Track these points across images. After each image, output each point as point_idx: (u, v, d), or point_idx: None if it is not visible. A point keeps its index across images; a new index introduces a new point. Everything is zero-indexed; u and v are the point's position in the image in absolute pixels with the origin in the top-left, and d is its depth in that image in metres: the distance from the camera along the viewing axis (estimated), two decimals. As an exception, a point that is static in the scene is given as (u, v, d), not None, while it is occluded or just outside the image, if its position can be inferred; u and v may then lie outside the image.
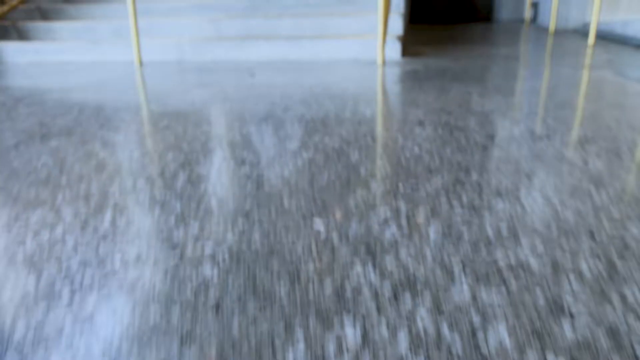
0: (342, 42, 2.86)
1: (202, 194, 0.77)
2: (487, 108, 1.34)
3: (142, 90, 1.84)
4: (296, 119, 1.26)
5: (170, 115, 1.35)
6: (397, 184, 0.78)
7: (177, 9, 3.60)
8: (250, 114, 1.33)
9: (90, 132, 1.19)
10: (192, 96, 1.66)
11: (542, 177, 0.79)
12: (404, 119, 1.23)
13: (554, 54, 2.66)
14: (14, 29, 3.73)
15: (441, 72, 2.07)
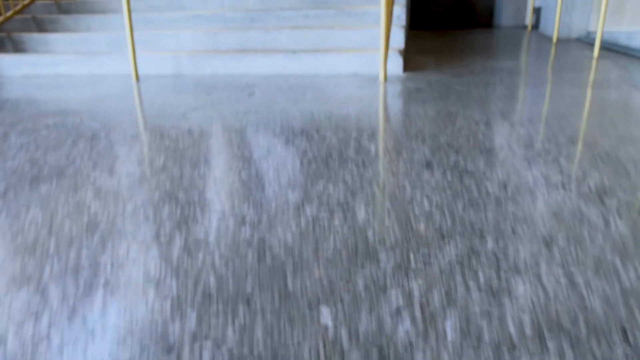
0: (342, 56, 2.81)
1: (199, 268, 0.72)
2: (496, 143, 1.29)
3: (138, 115, 1.78)
4: (298, 157, 1.21)
5: (166, 151, 1.30)
6: (408, 254, 0.73)
7: (175, 20, 3.55)
8: (250, 149, 1.28)
9: (83, 174, 1.14)
10: (189, 123, 1.60)
11: (562, 245, 0.75)
12: (411, 158, 1.18)
13: (560, 68, 2.61)
14: (9, 40, 3.68)
15: (445, 91, 2.02)
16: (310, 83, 2.48)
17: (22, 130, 1.64)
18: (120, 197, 0.99)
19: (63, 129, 1.63)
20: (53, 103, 2.12)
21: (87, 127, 1.64)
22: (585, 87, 2.12)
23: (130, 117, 1.78)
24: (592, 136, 1.34)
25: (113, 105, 2.02)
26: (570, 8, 4.18)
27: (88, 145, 1.41)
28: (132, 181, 1.09)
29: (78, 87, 2.58)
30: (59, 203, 0.97)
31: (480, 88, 2.21)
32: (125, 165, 1.20)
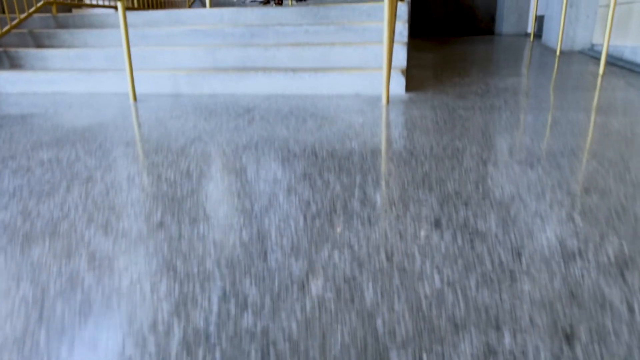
0: (344, 75, 2.76)
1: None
2: (506, 192, 1.24)
3: (135, 148, 1.73)
4: (302, 211, 1.17)
5: (164, 200, 1.25)
6: (420, 354, 0.68)
7: (173, 35, 3.50)
8: (251, 199, 1.24)
9: (77, 233, 1.09)
10: (187, 161, 1.55)
11: (585, 340, 0.70)
12: (418, 214, 1.13)
13: (565, 87, 2.56)
14: (6, 55, 3.63)
15: (449, 119, 1.97)
16: (311, 106, 2.43)
17: (16, 168, 1.59)
18: (116, 267, 0.95)
19: (58, 168, 1.58)
20: (49, 131, 2.07)
21: (82, 165, 1.60)
22: (593, 113, 2.07)
23: (127, 151, 1.73)
24: (605, 181, 1.30)
25: (110, 135, 1.97)
26: (574, 21, 4.13)
27: (83, 191, 1.37)
28: (128, 243, 1.04)
29: (75, 108, 2.52)
30: (50, 276, 0.93)
31: (486, 114, 2.16)
32: (121, 221, 1.15)
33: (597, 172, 1.38)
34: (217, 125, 2.12)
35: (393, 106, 2.40)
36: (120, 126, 2.18)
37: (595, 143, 1.67)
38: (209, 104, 2.61)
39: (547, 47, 4.61)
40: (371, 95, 2.72)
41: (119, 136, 1.99)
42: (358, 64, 3.00)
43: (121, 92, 3.13)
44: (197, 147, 1.77)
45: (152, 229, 1.10)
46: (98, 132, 2.07)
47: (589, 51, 4.06)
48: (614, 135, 1.77)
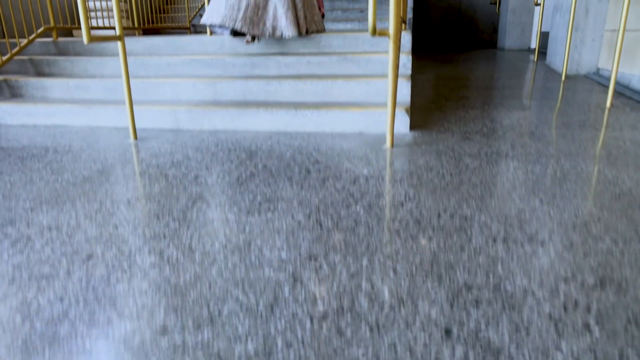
0: (347, 113, 2.73)
1: None
2: (517, 285, 1.20)
3: (134, 214, 1.69)
4: (307, 315, 1.13)
5: (165, 292, 1.22)
6: None
7: (173, 65, 3.48)
8: (256, 298, 1.20)
9: (77, 335, 1.06)
10: (189, 233, 1.51)
11: None
12: (428, 318, 1.09)
13: (573, 125, 2.52)
14: (6, 84, 3.61)
15: (456, 171, 1.92)
16: (314, 149, 2.38)
17: (16, 239, 1.56)
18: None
19: (58, 239, 1.55)
20: (49, 182, 2.02)
21: (82, 235, 1.56)
22: (603, 164, 2.02)
23: (128, 217, 1.69)
24: (621, 269, 1.26)
25: (110, 191, 1.92)
26: (579, 44, 4.08)
27: (83, 275, 1.33)
28: (130, 355, 1.01)
29: (74, 148, 2.46)
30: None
31: (492, 164, 2.12)
32: (123, 322, 1.12)
33: (612, 254, 1.34)
34: (218, 177, 2.08)
35: (398, 151, 2.36)
36: (120, 177, 2.14)
37: (607, 209, 1.63)
38: (209, 146, 2.57)
39: (551, 69, 4.56)
40: (375, 134, 2.68)
41: (119, 192, 1.96)
42: (361, 99, 2.96)
43: (121, 126, 3.09)
44: (199, 211, 1.74)
45: (154, 336, 1.07)
46: (98, 185, 2.04)
47: (594, 75, 4.01)
48: (626, 197, 1.73)
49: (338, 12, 6.19)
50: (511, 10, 6.66)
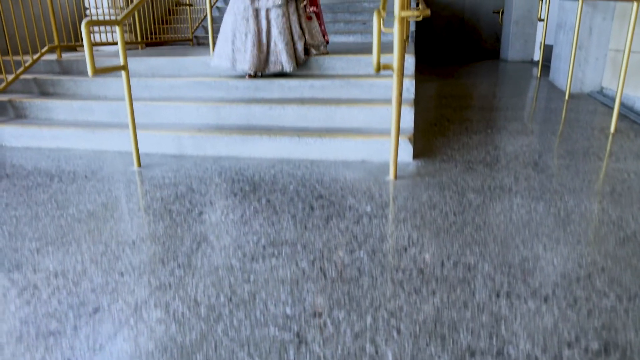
0: (350, 141, 2.74)
1: None
2: (522, 350, 1.21)
3: (139, 258, 1.70)
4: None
5: (167, 358, 1.23)
6: None
7: (177, 87, 3.49)
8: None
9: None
10: (194, 282, 1.52)
11: None
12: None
13: (577, 153, 2.52)
14: (11, 105, 3.64)
15: (460, 212, 1.92)
16: (317, 181, 2.38)
17: (22, 287, 1.57)
18: None
19: (64, 288, 1.56)
20: (54, 218, 2.01)
21: (88, 284, 1.57)
22: (607, 202, 2.02)
23: (133, 261, 1.69)
24: (626, 332, 1.26)
25: (115, 230, 1.92)
26: (583, 63, 4.07)
27: (90, 332, 1.34)
28: None
29: (79, 176, 2.44)
30: None
31: (495, 200, 2.13)
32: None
33: (616, 313, 1.35)
34: (222, 214, 2.09)
35: (401, 184, 2.36)
36: (125, 213, 2.15)
37: (611, 258, 1.63)
38: (213, 176, 2.58)
39: (554, 86, 4.55)
40: (378, 163, 2.69)
41: (124, 231, 1.97)
42: (364, 126, 2.96)
43: (125, 150, 3.10)
44: (204, 255, 1.74)
45: (160, 408, 1.08)
46: (103, 222, 2.05)
47: (598, 94, 4.00)
48: (631, 243, 1.73)
49: (340, 24, 6.17)
50: (514, 21, 6.64)
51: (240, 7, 3.15)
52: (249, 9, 3.12)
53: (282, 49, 3.15)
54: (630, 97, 3.54)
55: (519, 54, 6.78)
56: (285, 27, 3.16)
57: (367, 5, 6.59)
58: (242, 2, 3.14)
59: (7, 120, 3.51)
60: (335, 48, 4.82)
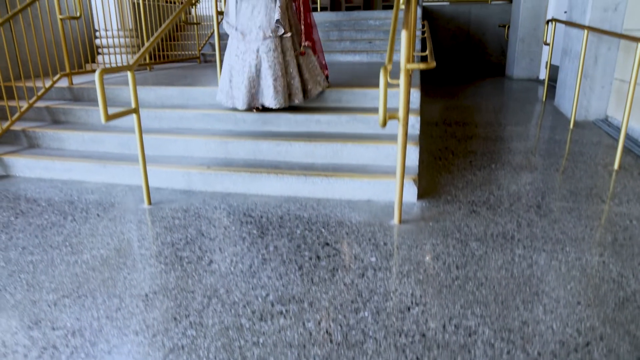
0: (356, 181, 2.80)
1: None
2: None
3: (152, 314, 1.77)
4: None
5: None
6: None
7: (186, 118, 3.58)
8: None
9: None
10: (206, 345, 1.58)
11: None
12: None
13: (580, 193, 2.52)
14: (24, 135, 3.73)
15: (462, 265, 1.96)
16: (323, 224, 2.42)
17: (42, 347, 1.64)
18: None
19: (82, 350, 1.63)
20: (70, 264, 2.08)
21: (105, 347, 1.64)
22: (609, 254, 2.06)
23: (146, 317, 1.76)
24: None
25: (127, 281, 1.98)
26: (588, 91, 4.10)
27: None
28: None
29: (91, 214, 2.50)
30: None
31: (498, 250, 2.18)
32: None
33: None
34: (232, 264, 2.15)
35: (405, 231, 2.41)
36: (137, 260, 2.21)
37: (609, 323, 1.68)
38: (222, 218, 2.64)
39: (559, 112, 4.57)
40: (383, 203, 2.74)
41: (137, 282, 2.03)
42: (370, 163, 3.01)
43: (135, 184, 3.17)
44: (215, 313, 1.80)
45: None
46: (117, 271, 2.11)
47: (603, 123, 4.03)
48: (630, 305, 1.77)
49: (346, 42, 6.22)
50: (520, 39, 6.66)
51: (234, 45, 3.23)
52: (242, 46, 3.18)
53: (271, 84, 3.14)
54: (635, 130, 3.57)
55: (524, 72, 6.80)
56: (277, 62, 3.14)
57: (373, 22, 6.63)
58: (237, 39, 3.21)
59: (20, 150, 3.60)
60: (341, 69, 4.89)
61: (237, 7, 3.24)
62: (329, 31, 6.62)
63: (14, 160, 3.43)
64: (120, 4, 5.24)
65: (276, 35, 3.14)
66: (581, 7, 4.08)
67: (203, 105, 3.70)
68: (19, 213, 2.80)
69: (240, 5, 3.23)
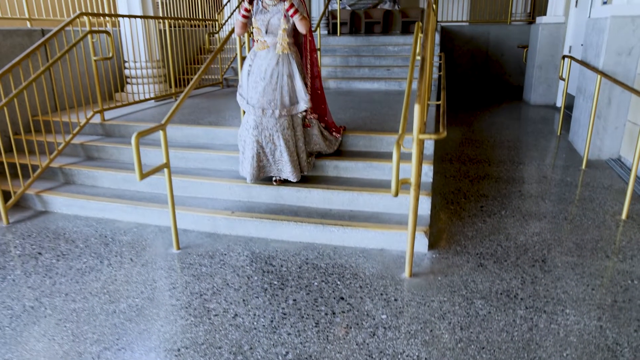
0: (370, 232, 2.98)
1: None
2: None
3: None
4: None
5: None
6: None
7: (211, 159, 3.82)
8: None
9: None
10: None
11: None
12: None
13: (585, 246, 2.64)
14: (61, 172, 4.00)
15: (466, 327, 2.11)
16: (339, 274, 2.59)
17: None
18: None
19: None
20: (108, 312, 2.30)
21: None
22: (608, 320, 2.17)
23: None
24: None
25: (162, 334, 2.19)
26: (601, 131, 4.19)
27: None
28: None
29: (125, 258, 2.70)
30: None
31: (500, 313, 2.32)
32: None
33: None
34: (254, 318, 2.34)
35: (415, 285, 2.57)
36: (170, 311, 2.42)
37: (599, 395, 1.82)
38: (245, 267, 2.84)
39: (573, 149, 4.65)
40: (396, 253, 2.90)
41: (170, 335, 2.24)
42: (385, 211, 3.18)
43: (164, 225, 3.40)
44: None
45: None
46: (151, 322, 2.33)
47: (615, 164, 4.11)
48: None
49: (365, 69, 6.40)
50: (537, 66, 6.72)
51: (246, 118, 3.28)
52: (252, 121, 3.20)
53: (287, 160, 3.22)
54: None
55: (542, 98, 6.86)
56: (290, 139, 3.21)
57: (392, 49, 6.78)
58: (248, 113, 3.24)
59: (58, 187, 3.88)
60: (360, 99, 5.07)
61: (248, 80, 3.26)
62: (349, 57, 6.81)
63: (53, 197, 3.71)
64: (148, 38, 5.51)
65: (289, 113, 3.20)
66: (595, 49, 4.16)
67: (227, 146, 3.92)
68: (60, 255, 3.05)
69: (252, 79, 3.24)
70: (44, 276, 2.80)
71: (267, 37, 3.16)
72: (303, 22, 3.09)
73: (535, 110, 6.65)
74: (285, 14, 3.10)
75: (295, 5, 3.05)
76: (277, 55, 3.16)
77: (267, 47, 3.18)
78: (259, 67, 3.19)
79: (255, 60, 3.22)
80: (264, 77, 3.17)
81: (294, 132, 3.26)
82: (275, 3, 3.13)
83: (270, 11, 3.14)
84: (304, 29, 3.13)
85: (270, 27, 3.14)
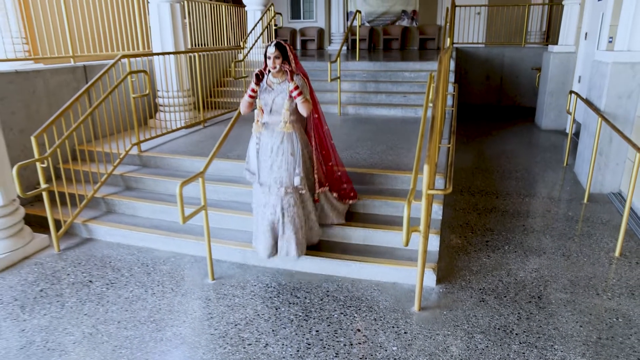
0: (383, 267, 3.32)
1: None
2: None
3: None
4: None
5: None
6: None
7: (240, 194, 4.20)
8: None
9: None
10: None
11: None
12: None
13: (579, 285, 2.91)
14: (103, 202, 4.43)
15: (466, 358, 2.45)
16: (356, 307, 2.92)
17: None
18: None
19: None
20: (156, 348, 2.67)
21: None
22: (591, 356, 2.50)
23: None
24: None
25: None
26: (603, 167, 4.46)
27: None
28: None
29: (167, 289, 3.07)
30: None
31: (496, 349, 2.63)
32: None
33: None
34: (283, 347, 2.70)
35: (422, 319, 2.90)
36: (210, 341, 2.79)
37: None
38: (273, 297, 3.21)
39: (577, 182, 4.91)
40: (407, 287, 3.24)
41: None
42: (398, 246, 3.52)
43: (199, 256, 3.80)
44: (270, 397, 2.37)
45: None
46: (194, 351, 2.71)
47: (616, 198, 4.37)
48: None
49: (382, 95, 6.73)
50: (549, 93, 6.97)
51: (255, 194, 3.45)
52: (262, 199, 3.33)
53: (291, 237, 3.30)
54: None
55: (552, 123, 7.11)
56: (296, 216, 3.28)
57: (409, 75, 7.10)
58: (257, 189, 3.40)
59: (101, 216, 4.31)
60: (378, 127, 5.40)
61: (257, 157, 3.33)
62: (367, 82, 7.16)
63: (97, 227, 4.14)
64: (179, 70, 5.94)
65: (297, 190, 3.27)
66: (598, 91, 4.44)
67: (254, 180, 4.30)
68: (109, 284, 3.46)
69: (261, 158, 3.30)
70: (97, 304, 3.20)
71: (271, 117, 3.23)
72: (305, 105, 3.12)
73: (545, 136, 6.90)
74: (289, 94, 3.14)
75: (299, 87, 3.08)
76: (282, 133, 3.22)
77: (270, 127, 3.25)
78: (265, 145, 3.29)
79: (262, 139, 3.31)
80: (270, 156, 3.26)
81: (303, 208, 3.34)
82: (280, 82, 3.19)
83: (275, 90, 3.20)
84: (305, 111, 3.16)
85: (274, 105, 3.19)
